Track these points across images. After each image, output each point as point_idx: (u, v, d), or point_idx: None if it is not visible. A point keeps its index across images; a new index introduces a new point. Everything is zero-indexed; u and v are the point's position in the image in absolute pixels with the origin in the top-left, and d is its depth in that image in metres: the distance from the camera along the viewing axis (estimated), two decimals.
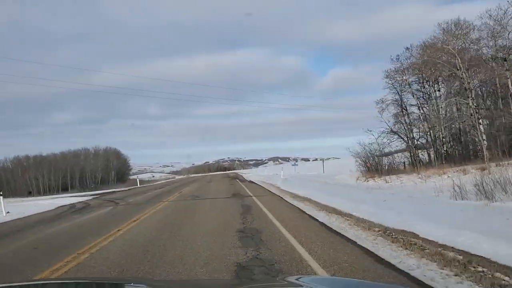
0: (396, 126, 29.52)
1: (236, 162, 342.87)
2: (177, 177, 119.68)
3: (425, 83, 27.12)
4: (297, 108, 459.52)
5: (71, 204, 20.67)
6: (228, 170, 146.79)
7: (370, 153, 28.07)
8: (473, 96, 22.38)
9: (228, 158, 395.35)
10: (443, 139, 24.00)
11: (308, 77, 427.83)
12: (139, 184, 40.93)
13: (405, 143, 29.50)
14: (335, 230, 7.48)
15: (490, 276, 4.17)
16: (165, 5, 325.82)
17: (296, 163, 39.51)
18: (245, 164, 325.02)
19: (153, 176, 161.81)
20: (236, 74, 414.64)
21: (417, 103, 28.13)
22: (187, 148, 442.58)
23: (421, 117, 27.78)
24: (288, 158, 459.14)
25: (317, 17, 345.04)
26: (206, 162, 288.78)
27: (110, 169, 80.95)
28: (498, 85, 23.21)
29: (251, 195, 17.37)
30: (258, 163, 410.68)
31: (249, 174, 49.38)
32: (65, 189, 69.33)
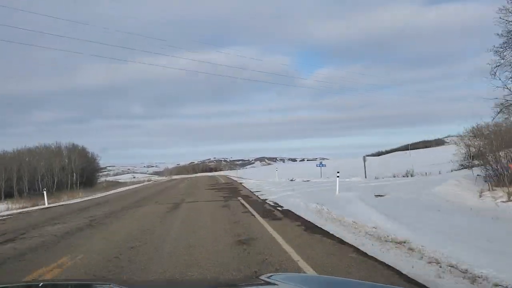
0: None
1: (223, 162, 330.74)
2: (155, 178, 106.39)
3: None
4: (284, 108, 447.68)
5: None
6: (214, 171, 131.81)
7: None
8: None
9: (214, 158, 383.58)
10: None
11: (295, 76, 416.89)
12: (48, 203, 22.35)
13: None
14: None
15: None
16: (148, 0, 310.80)
17: (323, 163, 26.68)
18: (231, 164, 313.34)
19: (134, 177, 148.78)
20: (222, 73, 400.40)
21: None
22: (173, 148, 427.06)
23: None
24: (275, 159, 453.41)
25: (305, 16, 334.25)
26: (191, 162, 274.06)
27: (72, 170, 65.93)
28: None
29: None
30: (245, 163, 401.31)
31: (251, 180, 33.34)
32: (9, 196, 54.53)
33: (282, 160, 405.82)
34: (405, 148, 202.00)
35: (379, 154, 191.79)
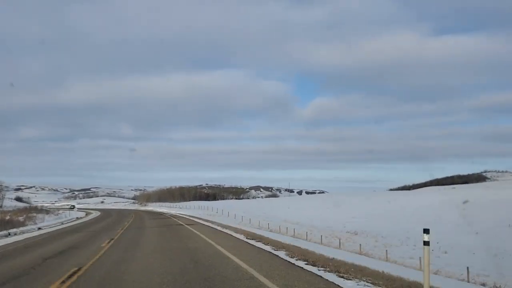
0: None
1: (215, 188, 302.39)
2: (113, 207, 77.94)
3: None
4: (278, 136, 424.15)
5: None
6: (212, 199, 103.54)
7: None
8: None
9: (207, 184, 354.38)
10: None
11: (290, 105, 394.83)
12: None
13: None
14: None
15: None
16: (139, 18, 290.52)
17: None
18: (224, 191, 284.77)
19: (102, 202, 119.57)
20: (214, 97, 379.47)
21: None
22: (163, 173, 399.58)
23: None
24: (271, 188, 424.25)
25: (301, 41, 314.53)
26: (181, 186, 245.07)
27: None
28: None
29: None
30: (238, 191, 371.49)
31: None
32: None
33: (279, 190, 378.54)
34: (437, 183, 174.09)
35: (404, 188, 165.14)
